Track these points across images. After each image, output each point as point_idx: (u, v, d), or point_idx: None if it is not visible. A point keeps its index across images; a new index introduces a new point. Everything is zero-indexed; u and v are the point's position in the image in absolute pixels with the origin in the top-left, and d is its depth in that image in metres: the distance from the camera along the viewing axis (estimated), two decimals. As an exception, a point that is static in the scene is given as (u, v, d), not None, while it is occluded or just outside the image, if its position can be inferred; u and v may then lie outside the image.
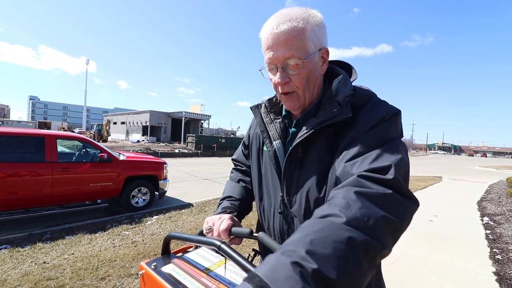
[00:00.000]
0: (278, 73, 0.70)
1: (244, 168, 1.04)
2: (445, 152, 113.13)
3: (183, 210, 5.34)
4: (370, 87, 0.77)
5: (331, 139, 0.69)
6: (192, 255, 0.75)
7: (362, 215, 0.47)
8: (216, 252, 0.53)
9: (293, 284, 0.36)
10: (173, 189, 6.66)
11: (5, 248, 3.30)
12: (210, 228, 0.74)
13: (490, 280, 2.93)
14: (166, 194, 5.96)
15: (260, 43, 0.73)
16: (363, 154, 0.60)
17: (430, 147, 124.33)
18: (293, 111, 0.79)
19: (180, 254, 0.76)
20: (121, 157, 5.32)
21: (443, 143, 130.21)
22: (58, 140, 4.58)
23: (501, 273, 3.04)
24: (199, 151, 22.15)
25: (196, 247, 0.79)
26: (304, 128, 0.71)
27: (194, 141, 24.75)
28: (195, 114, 43.87)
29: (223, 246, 0.53)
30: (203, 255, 0.75)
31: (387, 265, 3.18)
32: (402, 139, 0.68)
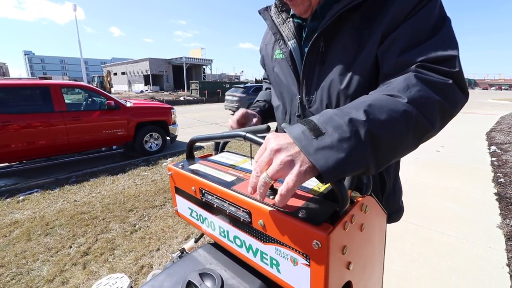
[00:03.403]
0: None
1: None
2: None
3: (195, 152, 5.54)
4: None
5: (357, 27, 0.62)
6: (216, 157, 0.77)
7: (420, 96, 0.48)
8: (243, 139, 0.50)
9: (342, 133, 0.39)
10: (183, 134, 6.81)
11: (36, 191, 3.60)
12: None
13: (490, 199, 3.10)
14: (177, 139, 6.14)
15: None
16: (418, 42, 0.54)
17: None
18: (302, 16, 0.71)
19: (204, 158, 0.78)
20: (128, 104, 5.32)
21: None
22: (63, 90, 4.55)
23: (501, 194, 3.20)
24: (204, 98, 21.84)
25: (220, 152, 0.81)
26: (327, 16, 0.63)
27: (198, 88, 24.21)
28: (196, 59, 42.07)
29: (248, 135, 0.49)
30: (226, 157, 0.76)
31: (392, 190, 3.38)
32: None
